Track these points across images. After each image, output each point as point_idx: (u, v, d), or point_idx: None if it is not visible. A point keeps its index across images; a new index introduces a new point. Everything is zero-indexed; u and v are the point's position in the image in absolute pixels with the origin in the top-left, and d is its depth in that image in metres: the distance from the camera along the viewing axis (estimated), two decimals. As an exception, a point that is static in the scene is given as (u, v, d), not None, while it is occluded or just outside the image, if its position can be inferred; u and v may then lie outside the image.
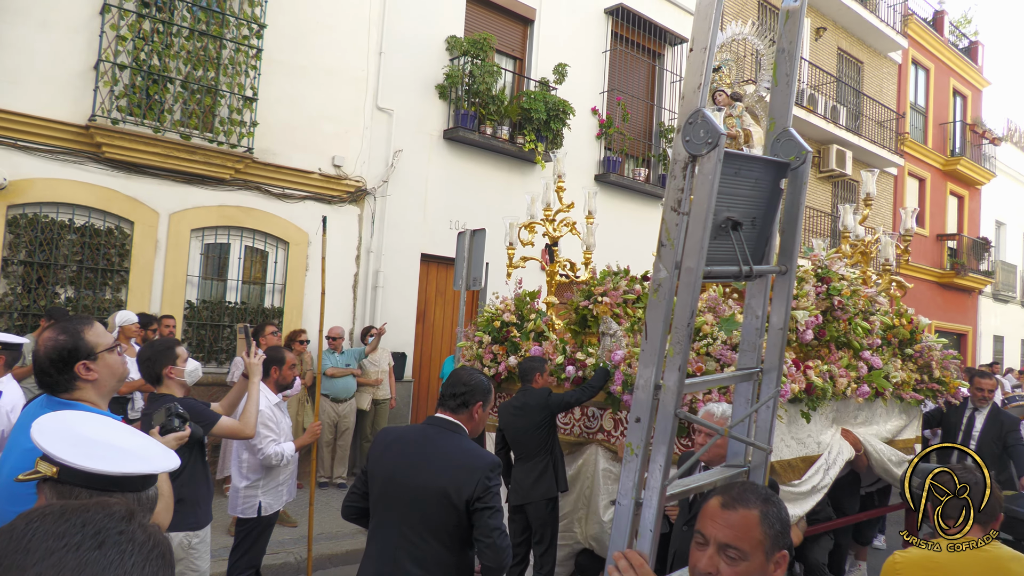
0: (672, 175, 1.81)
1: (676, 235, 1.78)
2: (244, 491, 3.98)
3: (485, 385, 2.70)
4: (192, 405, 3.32)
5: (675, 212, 1.79)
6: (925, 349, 5.41)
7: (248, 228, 7.52)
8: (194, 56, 6.92)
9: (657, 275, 1.81)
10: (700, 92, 1.77)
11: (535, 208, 5.63)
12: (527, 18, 9.91)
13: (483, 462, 2.50)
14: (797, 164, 2.05)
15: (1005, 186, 21.66)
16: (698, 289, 1.77)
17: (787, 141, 2.05)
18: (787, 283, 2.12)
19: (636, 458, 1.85)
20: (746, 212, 1.97)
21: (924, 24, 18.12)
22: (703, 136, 1.73)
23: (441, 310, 9.15)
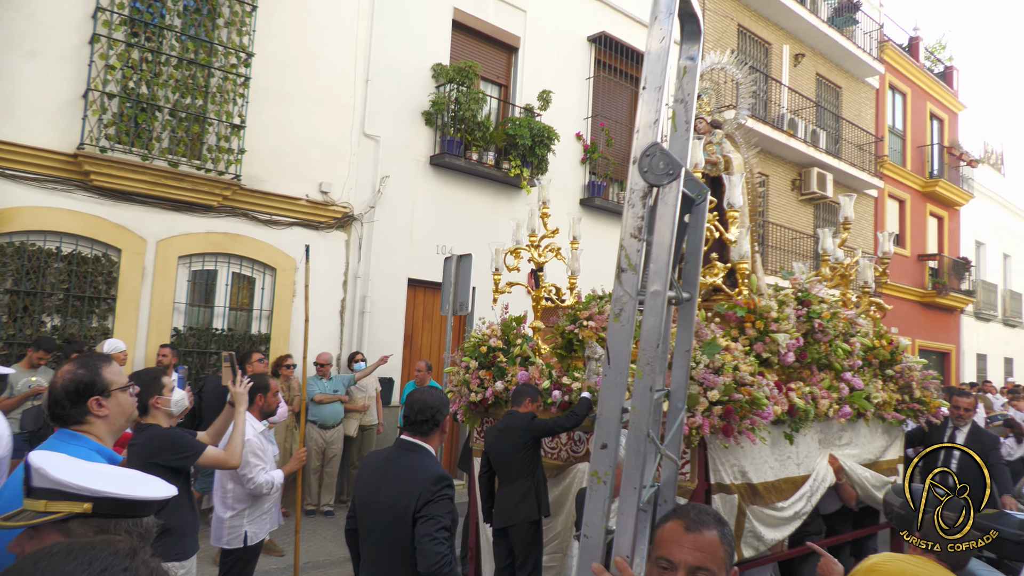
0: (630, 203, 1.89)
1: (637, 261, 1.84)
2: (229, 521, 3.94)
3: (445, 399, 2.84)
4: (178, 435, 3.33)
5: (635, 239, 1.85)
6: (905, 369, 5.49)
7: (235, 254, 7.54)
8: (182, 84, 6.99)
9: (619, 300, 1.85)
10: (655, 127, 1.85)
11: (520, 234, 5.70)
12: (511, 46, 10.09)
13: (427, 475, 2.59)
14: (700, 200, 2.18)
15: (983, 207, 22.06)
16: (664, 312, 1.82)
17: (688, 181, 2.16)
18: (690, 309, 2.22)
19: (604, 486, 1.82)
20: None
21: (900, 50, 18.56)
22: (663, 168, 1.82)
23: (428, 335, 9.18)
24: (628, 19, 11.47)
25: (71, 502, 1.37)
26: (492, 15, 9.81)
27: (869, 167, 16.56)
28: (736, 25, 13.61)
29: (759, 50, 14.31)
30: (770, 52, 14.46)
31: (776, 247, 13.94)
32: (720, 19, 13.27)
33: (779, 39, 14.61)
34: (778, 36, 14.59)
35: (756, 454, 4.22)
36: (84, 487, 1.37)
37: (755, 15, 14.05)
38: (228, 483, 3.96)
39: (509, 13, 9.99)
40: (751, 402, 3.84)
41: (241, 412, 3.66)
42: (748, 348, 4.33)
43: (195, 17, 7.08)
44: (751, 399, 3.84)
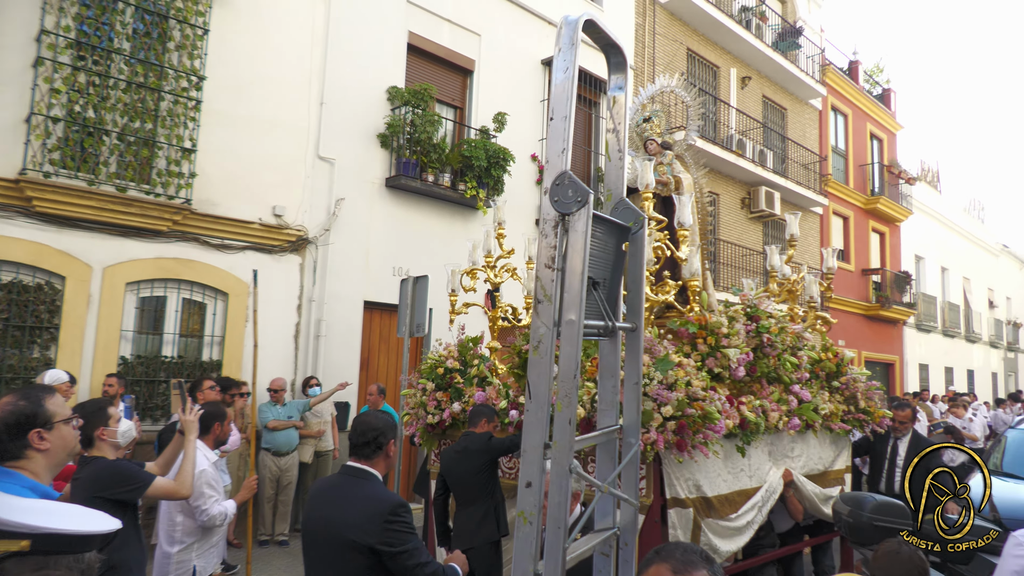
0: (543, 233, 1.88)
1: (552, 291, 1.82)
2: (177, 556, 3.78)
3: (389, 422, 2.77)
4: (125, 466, 3.24)
5: (549, 269, 1.84)
6: (850, 381, 5.68)
7: (186, 280, 7.40)
8: (131, 108, 6.88)
9: (536, 332, 1.82)
10: (564, 155, 1.87)
11: (476, 255, 5.74)
12: (466, 69, 10.19)
13: (384, 506, 2.52)
14: (637, 229, 2.17)
15: (922, 223, 22.98)
16: (580, 341, 1.79)
17: (624, 209, 2.17)
18: (636, 340, 2.19)
19: (531, 526, 1.77)
20: (599, 272, 2.06)
21: (840, 73, 19.32)
22: (572, 195, 1.82)
23: (385, 357, 9.11)
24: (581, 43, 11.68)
25: (6, 540, 1.32)
26: (447, 39, 9.92)
27: (814, 185, 17.13)
28: (685, 49, 14.00)
29: (708, 73, 14.73)
30: (718, 75, 14.91)
31: (727, 264, 14.28)
32: (670, 43, 13.65)
33: (727, 62, 15.08)
34: (725, 60, 15.06)
35: (710, 468, 4.30)
36: (21, 523, 1.32)
37: (703, 39, 14.49)
38: (177, 515, 3.82)
39: (463, 37, 10.11)
40: (704, 417, 3.93)
41: (191, 441, 3.59)
42: (700, 364, 4.43)
43: (145, 40, 6.99)
44: (704, 414, 3.93)
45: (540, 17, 11.15)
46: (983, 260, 28.27)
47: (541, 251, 1.89)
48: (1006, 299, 30.25)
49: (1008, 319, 30.02)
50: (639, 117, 6.24)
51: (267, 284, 7.80)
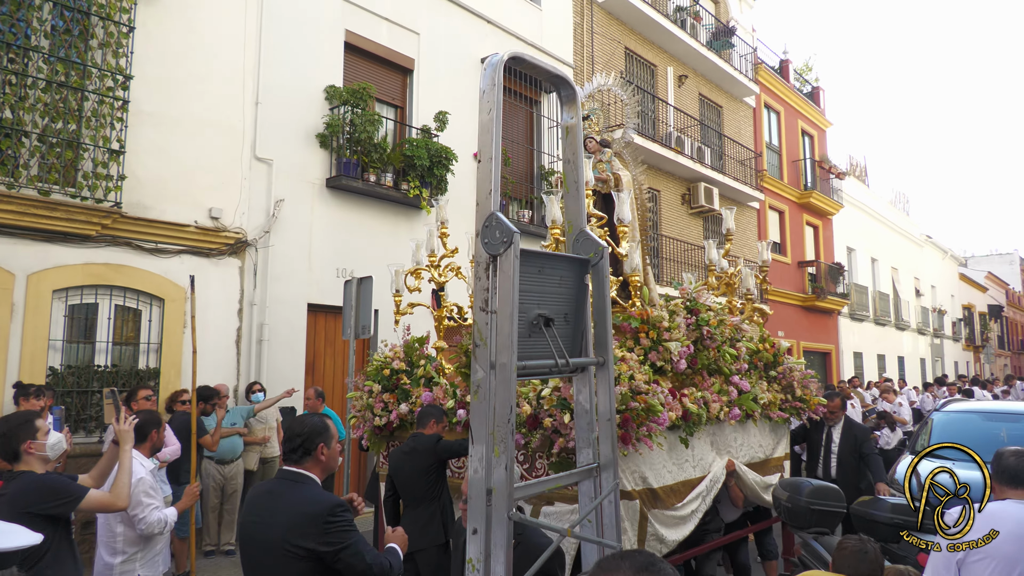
0: (476, 276, 1.86)
1: (487, 334, 1.78)
2: (120, 567, 3.68)
3: (320, 426, 2.70)
4: (55, 480, 3.12)
5: (483, 312, 1.81)
6: (787, 371, 5.88)
7: (118, 286, 7.12)
8: (52, 108, 6.57)
9: (475, 376, 1.80)
10: (492, 197, 1.83)
11: (420, 255, 5.71)
12: (406, 68, 10.11)
13: (320, 507, 2.48)
14: (596, 260, 2.13)
15: (852, 216, 23.91)
16: (514, 384, 1.75)
17: (585, 240, 2.13)
18: (607, 374, 2.13)
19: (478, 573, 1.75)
20: (557, 308, 2.02)
21: (772, 72, 19.93)
22: (499, 237, 1.80)
23: (332, 360, 8.97)
24: (520, 41, 11.76)
25: None
26: (385, 37, 9.81)
27: (751, 181, 17.62)
28: (623, 48, 14.21)
29: (645, 72, 14.99)
30: (656, 73, 15.18)
31: (670, 259, 14.56)
32: (608, 42, 13.83)
33: (663, 61, 15.37)
34: (662, 58, 15.35)
35: (655, 459, 4.38)
36: None
37: (640, 38, 14.73)
38: (117, 526, 3.71)
39: (402, 35, 10.02)
40: (647, 410, 4.00)
41: (127, 451, 3.47)
42: (643, 357, 4.51)
43: (65, 38, 6.68)
44: (647, 407, 4.00)
45: (479, 16, 11.14)
46: (909, 250, 29.61)
47: (476, 294, 1.87)
48: (931, 287, 31.77)
49: (933, 307, 31.53)
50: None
51: (206, 288, 7.58)
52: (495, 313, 1.78)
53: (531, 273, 1.91)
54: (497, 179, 1.85)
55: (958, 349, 34.90)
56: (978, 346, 37.03)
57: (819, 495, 4.38)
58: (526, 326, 1.90)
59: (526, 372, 1.85)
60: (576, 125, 2.16)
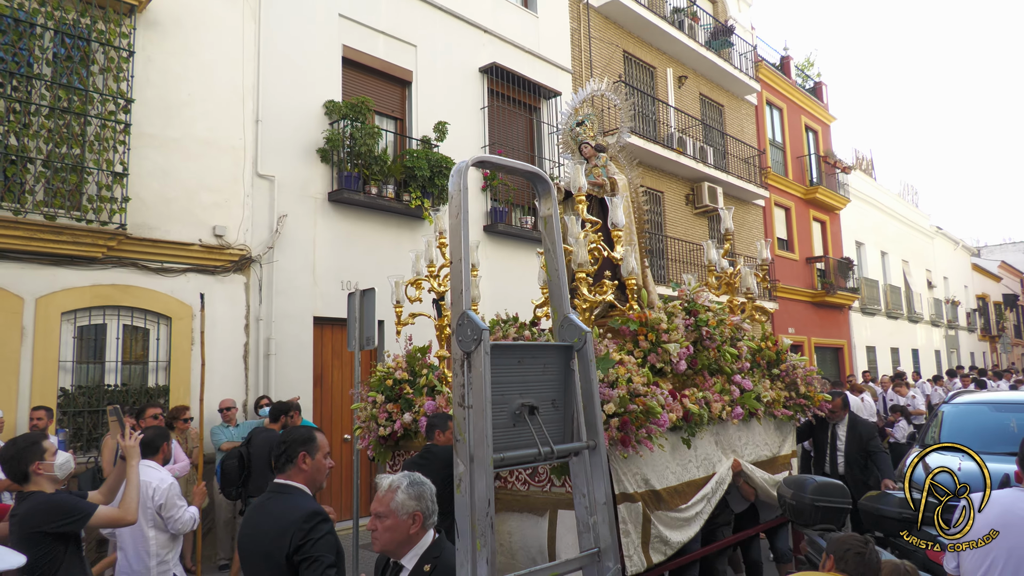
0: (454, 373, 1.90)
1: (465, 428, 1.83)
2: (157, 568, 3.94)
3: (304, 434, 2.74)
4: (64, 499, 3.18)
5: (460, 407, 1.85)
6: (790, 368, 5.87)
7: (125, 306, 7.22)
8: (56, 134, 6.69)
9: (457, 471, 1.85)
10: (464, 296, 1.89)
11: (420, 265, 5.76)
12: (404, 80, 10.19)
13: (298, 514, 2.51)
14: (580, 345, 2.15)
15: (859, 209, 23.79)
16: (491, 477, 1.79)
17: (568, 326, 2.17)
18: (599, 458, 2.13)
19: None
20: (544, 396, 2.05)
21: (773, 68, 19.90)
22: (470, 334, 1.84)
23: (339, 372, 9.03)
24: (517, 49, 11.82)
25: None
26: (382, 51, 9.90)
27: (755, 179, 17.58)
28: (621, 51, 14.25)
29: (645, 74, 15.02)
30: (655, 75, 15.20)
31: (676, 260, 14.55)
32: (606, 46, 13.87)
33: (662, 63, 15.39)
34: (661, 60, 15.37)
35: (657, 461, 4.39)
36: None
37: (638, 41, 14.76)
38: (149, 531, 3.92)
39: (399, 48, 10.11)
40: (646, 412, 4.02)
41: (134, 467, 3.53)
42: (642, 360, 4.53)
43: (67, 65, 6.81)
44: (646, 408, 4.02)
45: (476, 26, 11.22)
46: (920, 242, 29.39)
47: (454, 390, 1.90)
48: (943, 279, 31.50)
49: (946, 298, 31.26)
50: (572, 121, 6.35)
51: (213, 305, 7.67)
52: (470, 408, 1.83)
53: (511, 364, 1.96)
54: (468, 279, 1.91)
55: (974, 340, 34.56)
56: (994, 336, 36.65)
57: (823, 492, 4.37)
58: (509, 416, 1.94)
59: (506, 463, 1.90)
60: (552, 216, 2.20)
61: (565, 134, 6.36)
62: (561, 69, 12.64)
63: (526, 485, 4.43)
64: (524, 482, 4.43)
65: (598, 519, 2.08)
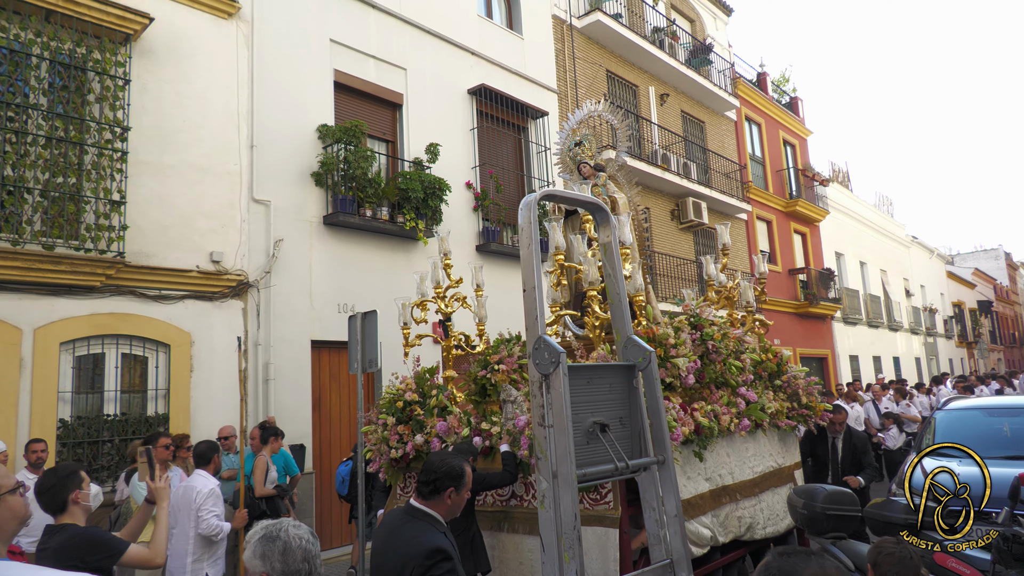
0: (533, 395, 1.98)
1: (547, 447, 1.90)
2: (192, 565, 4.58)
3: (457, 470, 2.70)
4: (99, 533, 3.18)
5: (541, 427, 1.93)
6: (791, 379, 5.99)
7: (124, 335, 7.17)
8: (52, 164, 6.67)
9: (539, 487, 1.92)
10: (538, 322, 1.97)
11: (425, 286, 5.80)
12: (395, 103, 10.29)
13: (419, 549, 2.47)
14: (644, 364, 2.22)
15: (838, 221, 24.22)
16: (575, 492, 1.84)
17: (632, 347, 2.25)
18: (668, 472, 2.18)
19: None
20: (612, 414, 2.12)
21: (750, 85, 20.30)
22: (547, 358, 1.93)
23: (337, 396, 9.01)
24: (505, 71, 11.99)
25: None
26: (373, 75, 10.00)
27: (737, 193, 17.87)
28: (604, 71, 14.48)
29: (627, 92, 15.26)
30: (638, 93, 15.46)
31: (663, 275, 14.71)
32: (590, 65, 14.10)
33: (645, 81, 15.66)
34: (643, 79, 15.64)
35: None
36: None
37: (621, 60, 15.02)
38: (190, 530, 4.60)
39: (390, 71, 10.21)
40: (661, 426, 4.08)
41: (163, 508, 3.52)
42: (652, 375, 4.60)
43: (63, 94, 6.81)
44: (661, 423, 4.08)
45: (464, 48, 11.36)
46: (896, 252, 29.94)
47: (533, 410, 1.95)
48: (920, 287, 32.08)
49: (924, 306, 31.81)
50: (570, 142, 6.47)
51: (211, 331, 7.66)
52: (551, 427, 1.87)
53: (580, 384, 2.03)
54: (542, 306, 1.99)
55: (951, 347, 35.15)
56: (971, 342, 37.31)
57: (834, 500, 4.45)
58: (583, 434, 2.00)
59: (587, 479, 1.96)
60: (611, 243, 2.30)
61: (563, 154, 6.48)
62: (547, 89, 12.83)
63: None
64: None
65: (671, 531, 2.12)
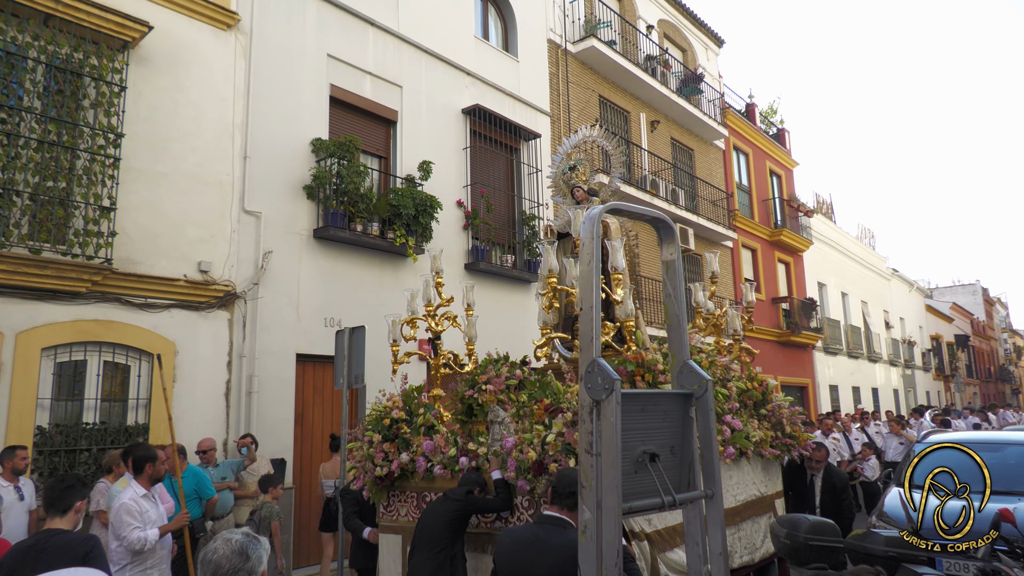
0: (582, 420, 1.92)
1: (592, 475, 1.85)
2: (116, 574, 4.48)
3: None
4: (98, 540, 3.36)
5: (588, 454, 1.87)
6: (776, 408, 6.04)
7: (107, 342, 7.09)
8: (43, 167, 6.62)
9: (582, 517, 1.87)
10: (593, 344, 1.91)
11: (415, 304, 5.80)
12: (389, 119, 10.34)
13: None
14: (700, 392, 2.14)
15: (821, 252, 24.55)
16: (619, 525, 1.81)
17: (688, 373, 2.16)
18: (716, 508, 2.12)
19: None
20: (663, 443, 2.05)
21: (739, 115, 20.63)
22: (600, 383, 1.86)
23: (320, 411, 8.94)
24: (499, 92, 12.10)
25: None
26: (369, 91, 10.05)
27: (723, 221, 18.08)
28: (597, 96, 14.66)
29: (619, 118, 15.45)
30: (629, 119, 15.65)
31: (649, 299, 14.80)
32: (583, 90, 14.27)
33: (636, 108, 15.87)
34: (635, 105, 15.85)
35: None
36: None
37: (614, 86, 15.22)
38: (112, 542, 4.54)
39: (385, 88, 10.28)
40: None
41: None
42: (641, 401, 4.62)
43: (58, 98, 6.78)
44: (649, 449, 4.10)
45: (459, 68, 11.47)
46: (877, 284, 30.35)
47: (581, 436, 1.90)
48: (900, 319, 32.50)
49: (903, 338, 32.21)
50: (565, 166, 6.53)
51: (196, 342, 7.59)
52: (599, 456, 1.84)
53: (634, 412, 1.94)
54: (598, 326, 1.91)
55: (929, 379, 35.57)
56: (948, 375, 37.78)
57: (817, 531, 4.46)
58: (631, 463, 1.93)
59: (633, 511, 1.91)
60: (675, 261, 2.20)
61: (557, 178, 6.54)
62: (540, 112, 12.95)
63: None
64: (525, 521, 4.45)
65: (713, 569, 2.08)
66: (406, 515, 5.13)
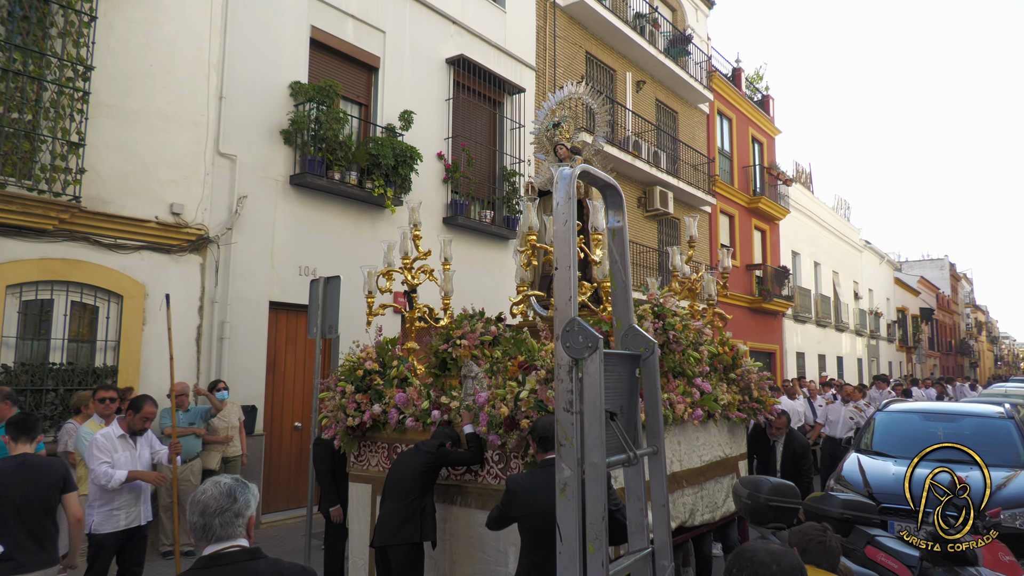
0: (559, 378, 1.93)
1: (573, 433, 1.86)
2: (98, 512, 4.77)
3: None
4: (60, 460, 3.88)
5: (568, 412, 1.89)
6: (745, 372, 6.14)
7: (75, 282, 6.95)
8: (8, 98, 6.37)
9: (561, 475, 1.87)
10: (571, 303, 1.91)
11: (392, 256, 5.75)
12: (371, 65, 10.09)
13: None
14: (647, 355, 2.19)
15: (797, 221, 24.76)
16: (604, 482, 1.82)
17: (634, 336, 2.21)
18: (660, 463, 2.18)
19: None
20: (615, 403, 2.11)
21: (725, 79, 20.48)
22: (583, 341, 1.87)
23: (292, 359, 8.91)
24: (485, 43, 11.84)
25: None
26: (351, 34, 9.77)
27: (703, 185, 18.09)
28: (584, 52, 14.43)
29: (605, 75, 15.25)
30: (615, 78, 15.46)
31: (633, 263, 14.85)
32: (570, 46, 14.02)
33: (623, 66, 15.66)
34: (622, 64, 15.63)
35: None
36: None
37: (601, 43, 14.97)
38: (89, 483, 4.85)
39: (368, 33, 9.99)
40: (619, 411, 4.15)
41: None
42: (614, 361, 4.67)
43: (23, 25, 6.48)
44: (620, 409, 4.16)
45: (445, 16, 11.18)
46: (849, 255, 30.80)
47: (559, 395, 1.89)
48: (868, 291, 33.12)
49: (870, 309, 32.88)
50: (548, 122, 6.44)
51: (166, 285, 7.46)
52: (580, 414, 1.84)
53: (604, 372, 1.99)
54: (575, 286, 1.91)
55: (892, 350, 36.48)
56: (910, 347, 38.77)
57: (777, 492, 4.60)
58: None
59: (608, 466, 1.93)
60: (622, 228, 2.22)
61: (540, 135, 6.45)
62: (526, 66, 12.72)
63: (497, 479, 4.51)
64: (496, 476, 4.52)
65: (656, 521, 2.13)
66: (376, 465, 5.17)
